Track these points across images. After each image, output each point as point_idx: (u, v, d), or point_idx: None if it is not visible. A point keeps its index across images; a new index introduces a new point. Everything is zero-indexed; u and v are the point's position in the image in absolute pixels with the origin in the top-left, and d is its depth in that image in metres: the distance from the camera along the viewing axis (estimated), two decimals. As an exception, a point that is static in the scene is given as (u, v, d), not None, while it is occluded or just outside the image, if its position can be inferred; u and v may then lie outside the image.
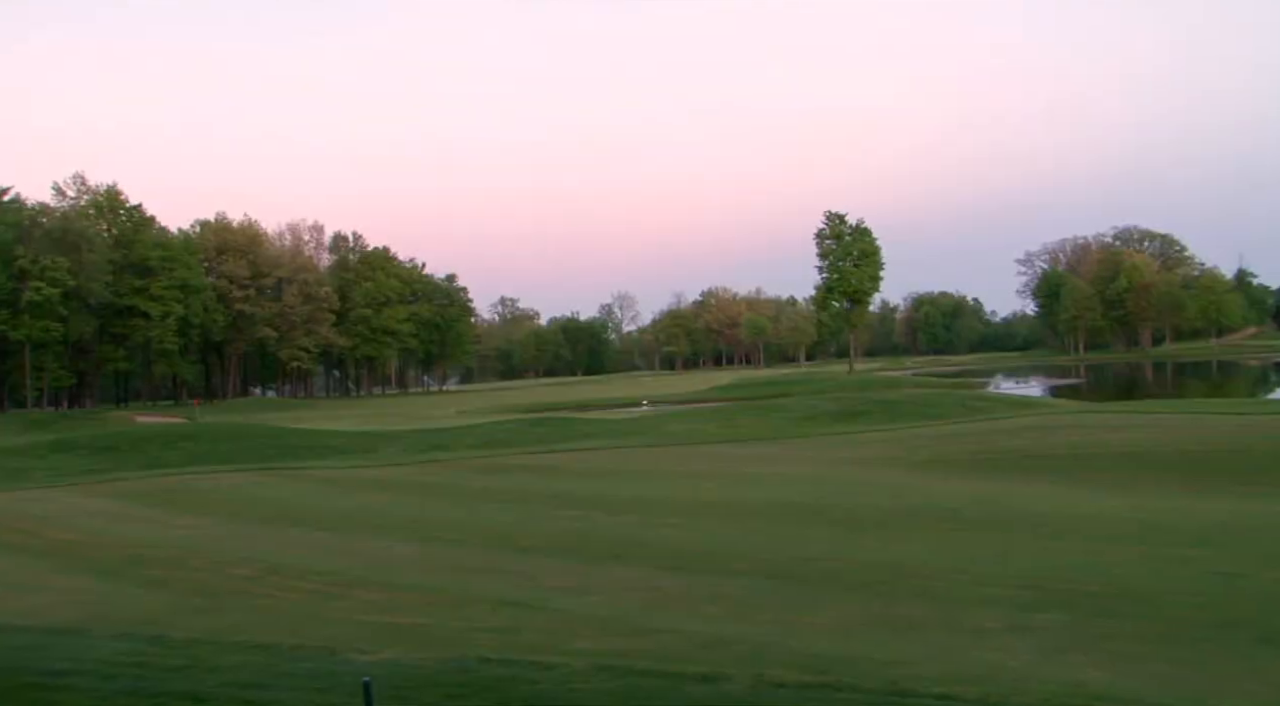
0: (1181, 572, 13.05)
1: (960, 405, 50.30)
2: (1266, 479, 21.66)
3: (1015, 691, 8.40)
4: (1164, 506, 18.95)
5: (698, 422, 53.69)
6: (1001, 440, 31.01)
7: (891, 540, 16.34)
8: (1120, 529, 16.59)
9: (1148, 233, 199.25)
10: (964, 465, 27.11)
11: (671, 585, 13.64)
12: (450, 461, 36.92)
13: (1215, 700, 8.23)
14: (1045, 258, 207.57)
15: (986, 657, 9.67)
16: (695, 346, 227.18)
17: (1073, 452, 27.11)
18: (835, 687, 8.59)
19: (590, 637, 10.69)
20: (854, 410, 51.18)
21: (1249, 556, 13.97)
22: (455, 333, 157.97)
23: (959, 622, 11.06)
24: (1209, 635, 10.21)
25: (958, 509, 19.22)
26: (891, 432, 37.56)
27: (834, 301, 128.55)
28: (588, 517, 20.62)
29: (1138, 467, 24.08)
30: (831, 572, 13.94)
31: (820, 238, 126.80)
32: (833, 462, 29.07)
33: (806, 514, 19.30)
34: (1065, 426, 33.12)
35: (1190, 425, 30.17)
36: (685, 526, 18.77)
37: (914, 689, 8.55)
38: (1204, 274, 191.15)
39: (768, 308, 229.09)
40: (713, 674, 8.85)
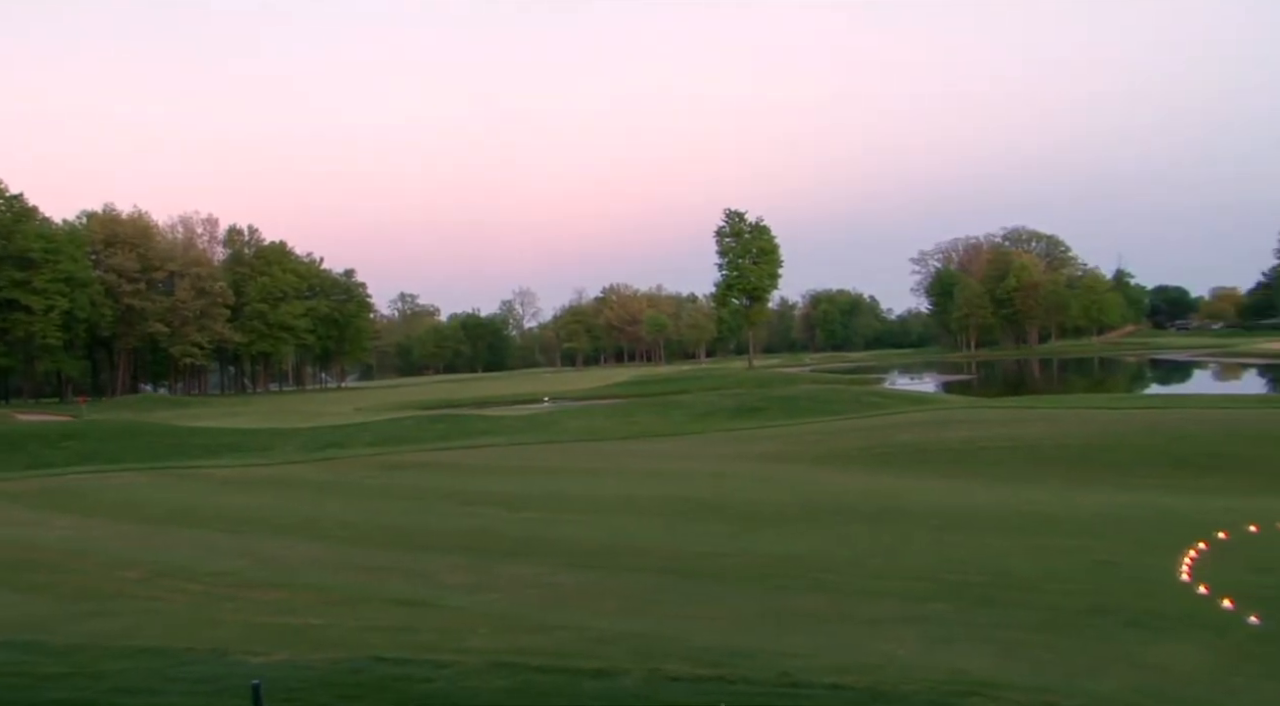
0: (1061, 561, 13.54)
1: (856, 401, 51.15)
2: (1141, 470, 22.58)
3: (904, 680, 8.59)
4: (1047, 498, 19.60)
5: (597, 419, 53.75)
6: (895, 435, 31.68)
7: (787, 534, 16.59)
8: (1006, 520, 17.11)
9: (1035, 233, 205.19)
10: (859, 460, 27.64)
11: (569, 582, 13.66)
12: (347, 459, 36.41)
13: (1088, 682, 8.55)
14: (939, 257, 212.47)
15: (878, 648, 9.88)
16: (596, 343, 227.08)
17: (963, 447, 27.83)
18: (729, 680, 8.68)
19: (486, 635, 10.64)
20: (752, 406, 51.71)
21: (1123, 544, 14.56)
22: (354, 329, 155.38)
23: (852, 614, 11.28)
24: (1085, 621, 10.62)
25: (852, 503, 19.60)
26: (789, 428, 38.10)
27: (734, 298, 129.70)
28: (486, 515, 20.53)
29: (1023, 461, 24.87)
30: (727, 567, 14.11)
31: (720, 235, 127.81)
32: (730, 458, 29.39)
33: (704, 509, 19.49)
34: (956, 421, 33.96)
35: (1072, 420, 31.24)
36: (584, 523, 18.82)
37: (806, 680, 8.68)
38: (1086, 274, 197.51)
39: (668, 305, 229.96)
40: (608, 669, 8.87)
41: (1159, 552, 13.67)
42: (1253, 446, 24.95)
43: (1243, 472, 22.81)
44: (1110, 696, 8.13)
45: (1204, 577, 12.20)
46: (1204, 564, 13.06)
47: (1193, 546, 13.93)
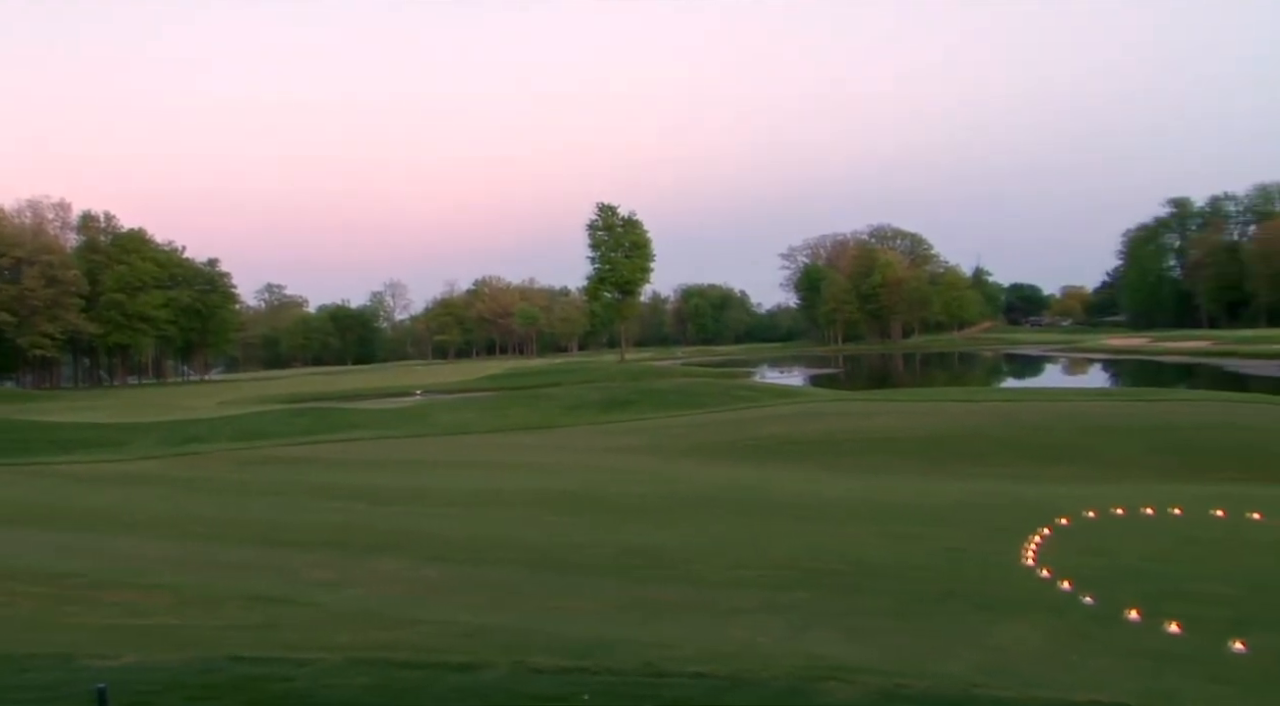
0: (915, 549, 14.04)
1: (725, 394, 51.87)
2: (993, 460, 23.53)
3: (764, 667, 8.79)
4: (904, 487, 20.25)
5: (467, 412, 53.34)
6: (762, 428, 32.27)
7: (653, 526, 16.77)
8: (865, 510, 17.64)
9: (899, 231, 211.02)
10: (726, 452, 28.07)
11: (434, 575, 13.56)
12: (208, 454, 35.39)
13: (937, 664, 8.89)
14: (807, 253, 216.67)
15: (740, 636, 10.08)
16: (468, 336, 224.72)
17: (826, 439, 28.53)
18: (593, 671, 8.75)
19: (349, 631, 10.49)
20: (622, 399, 51.98)
21: (973, 531, 15.18)
22: (217, 320, 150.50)
23: (715, 604, 11.48)
24: (936, 605, 11.05)
25: (718, 494, 19.91)
26: (658, 421, 38.44)
27: (605, 292, 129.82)
28: (351, 509, 20.21)
29: (883, 452, 25.62)
30: (594, 559, 14.20)
31: (592, 229, 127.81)
32: (599, 451, 29.53)
33: (571, 501, 19.56)
34: (821, 414, 34.78)
35: (931, 412, 32.28)
36: (450, 516, 18.70)
37: (670, 669, 8.81)
38: (947, 271, 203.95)
39: (541, 297, 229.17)
40: (472, 662, 8.85)
41: (1006, 539, 14.28)
42: (1094, 437, 26.25)
43: (1084, 462, 24.00)
44: (957, 676, 8.46)
45: (1046, 561, 12.80)
46: (1047, 548, 13.70)
47: (1037, 532, 14.59)
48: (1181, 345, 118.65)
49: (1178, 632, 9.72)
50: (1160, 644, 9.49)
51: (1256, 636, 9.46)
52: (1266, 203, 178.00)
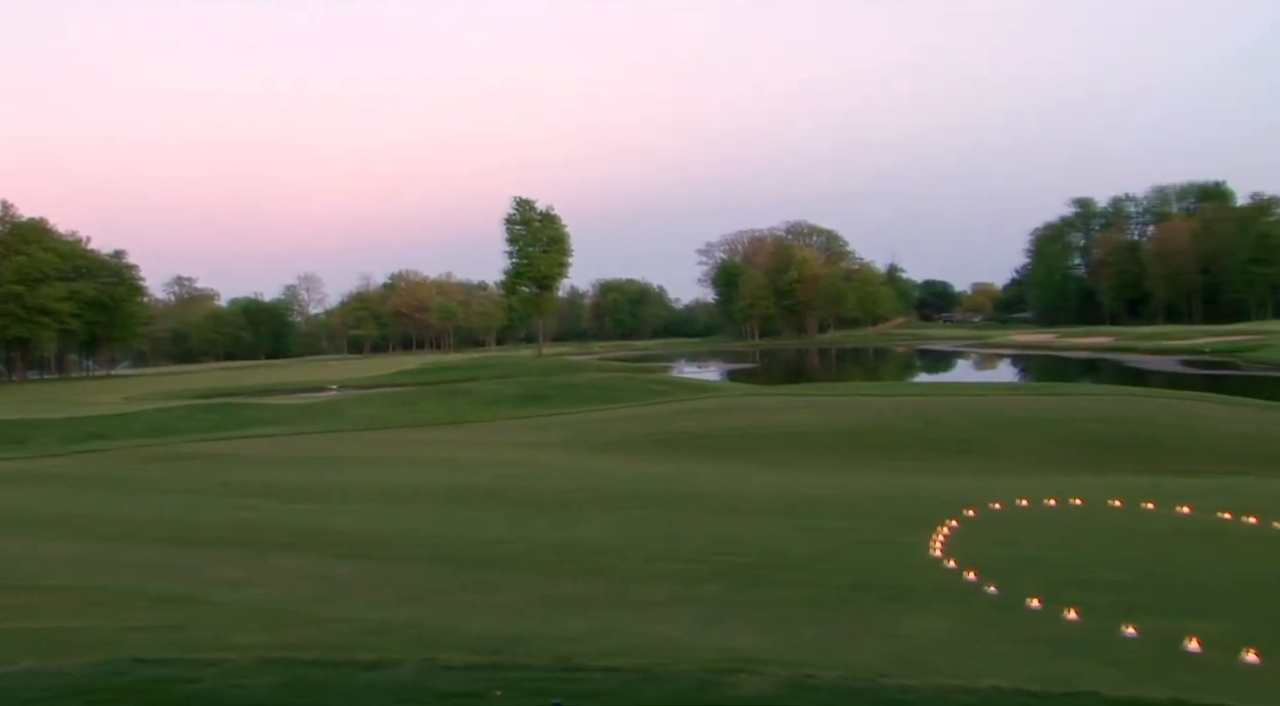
0: (827, 541, 14.25)
1: (641, 389, 52.01)
2: (904, 454, 23.96)
3: (676, 659, 8.87)
4: (817, 481, 20.53)
5: (382, 407, 52.75)
6: (677, 422, 32.44)
7: (568, 521, 16.78)
8: (778, 503, 17.84)
9: (815, 228, 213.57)
10: (642, 446, 28.16)
11: (346, 573, 13.41)
12: (112, 451, 34.50)
13: (846, 654, 9.05)
14: (724, 249, 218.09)
15: (652, 629, 10.15)
16: (384, 330, 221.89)
17: (741, 433, 28.78)
18: (505, 667, 8.74)
19: (257, 631, 10.34)
20: (538, 394, 51.85)
21: (884, 524, 15.47)
22: (124, 313, 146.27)
23: (628, 597, 11.54)
24: (846, 596, 11.25)
25: (633, 489, 19.99)
26: (574, 416, 38.42)
27: (523, 286, 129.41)
28: (261, 507, 19.89)
29: (798, 446, 25.93)
30: (507, 554, 14.17)
31: (510, 223, 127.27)
32: (515, 446, 29.43)
33: (485, 497, 19.48)
34: (736, 409, 35.07)
35: (845, 407, 32.76)
36: (363, 513, 18.48)
37: (582, 663, 8.84)
38: (862, 268, 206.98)
39: (457, 292, 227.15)
40: (382, 660, 8.79)
41: (916, 531, 14.56)
42: (1001, 431, 26.91)
43: (991, 455, 24.61)
44: (865, 666, 8.62)
45: (953, 553, 13.10)
46: (954, 540, 14.01)
47: (945, 524, 14.92)
48: (1085, 341, 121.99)
49: (1075, 619, 10.01)
50: (1058, 630, 9.78)
51: (1146, 621, 9.79)
52: (1164, 204, 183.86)
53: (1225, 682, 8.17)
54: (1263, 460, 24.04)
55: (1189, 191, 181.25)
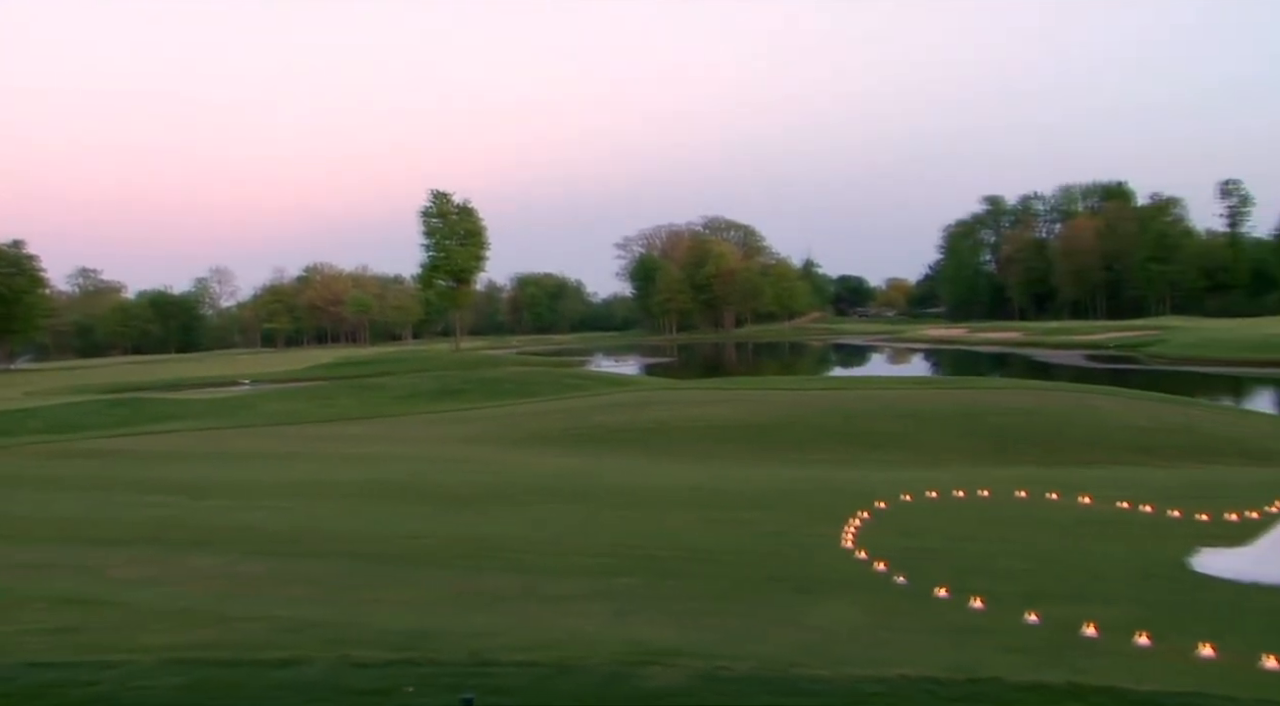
0: (740, 534, 14.41)
1: (558, 383, 51.97)
2: (817, 447, 24.30)
3: (589, 653, 8.89)
4: (732, 474, 20.73)
5: (296, 402, 51.94)
6: (594, 416, 32.48)
7: (484, 515, 16.72)
8: (693, 496, 17.97)
9: (732, 223, 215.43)
10: (558, 441, 28.16)
11: (256, 570, 13.17)
12: (12, 447, 33.41)
13: (757, 645, 9.16)
14: (642, 243, 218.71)
15: (566, 623, 10.16)
16: (298, 324, 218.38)
17: (657, 427, 28.94)
18: (418, 663, 8.69)
19: (162, 631, 10.10)
20: (455, 388, 51.54)
21: (796, 516, 15.69)
22: (23, 305, 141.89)
23: (542, 592, 11.54)
24: (758, 588, 11.39)
25: (549, 483, 19.98)
26: (491, 410, 38.27)
27: (439, 280, 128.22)
28: (169, 504, 19.42)
29: (713, 439, 26.15)
30: (422, 550, 14.06)
31: (426, 216, 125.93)
32: (430, 441, 29.23)
33: (400, 492, 19.30)
34: (652, 403, 35.19)
35: (760, 400, 33.10)
36: (275, 509, 18.19)
37: (496, 658, 8.82)
38: (778, 263, 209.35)
39: (373, 285, 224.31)
40: (292, 658, 8.67)
41: (827, 522, 14.79)
42: (912, 424, 27.43)
43: (903, 448, 25.09)
44: (776, 656, 8.73)
45: (864, 543, 13.33)
46: (865, 531, 14.26)
47: (857, 515, 15.17)
48: (995, 336, 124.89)
49: (980, 607, 10.27)
50: (964, 618, 10.02)
51: (1047, 608, 10.08)
52: (1070, 203, 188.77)
53: (1119, 665, 8.45)
54: (1159, 451, 24.87)
55: (1093, 191, 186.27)
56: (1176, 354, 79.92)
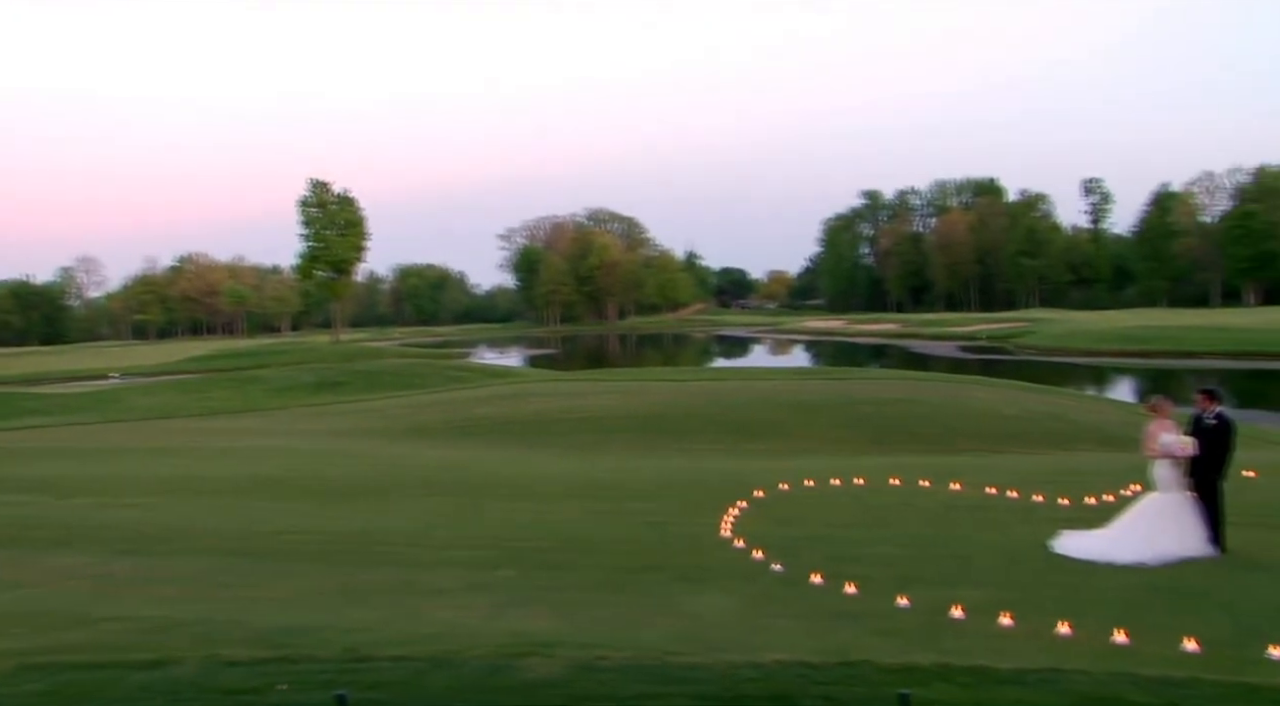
0: (620, 524, 14.51)
1: (439, 375, 51.45)
2: (697, 437, 24.56)
3: (467, 646, 8.87)
4: (612, 465, 20.81)
5: (168, 396, 50.41)
6: (475, 408, 32.27)
7: (361, 509, 16.47)
8: (574, 487, 18.01)
9: (615, 215, 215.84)
10: (439, 433, 27.89)
11: (124, 569, 12.78)
12: None
13: (635, 634, 9.26)
14: (525, 234, 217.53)
15: (444, 616, 10.11)
16: (171, 315, 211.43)
17: (539, 418, 28.88)
18: (292, 660, 8.56)
19: (21, 635, 9.73)
20: (334, 381, 50.65)
21: (676, 506, 15.84)
22: None
23: (421, 585, 11.46)
24: (637, 578, 11.49)
25: (429, 476, 19.78)
26: (371, 403, 37.71)
27: (319, 270, 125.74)
28: (32, 503, 18.65)
29: (593, 430, 26.21)
30: (298, 545, 13.80)
31: (304, 205, 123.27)
32: (308, 434, 28.68)
33: (276, 487, 18.89)
34: (535, 394, 35.14)
35: (642, 392, 33.30)
36: (146, 506, 17.62)
37: (372, 653, 8.74)
38: (661, 255, 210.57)
39: (250, 275, 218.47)
40: (160, 659, 8.46)
41: (706, 512, 14.97)
42: (790, 414, 27.91)
43: (781, 437, 25.52)
44: (654, 645, 8.83)
45: (742, 532, 13.54)
46: (742, 520, 14.48)
47: (735, 505, 15.39)
48: (873, 327, 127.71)
49: (854, 593, 10.53)
50: (838, 604, 10.26)
51: (917, 592, 10.40)
52: (944, 198, 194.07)
53: (985, 645, 8.77)
54: (1026, 439, 25.78)
55: (966, 187, 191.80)
56: (1044, 345, 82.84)
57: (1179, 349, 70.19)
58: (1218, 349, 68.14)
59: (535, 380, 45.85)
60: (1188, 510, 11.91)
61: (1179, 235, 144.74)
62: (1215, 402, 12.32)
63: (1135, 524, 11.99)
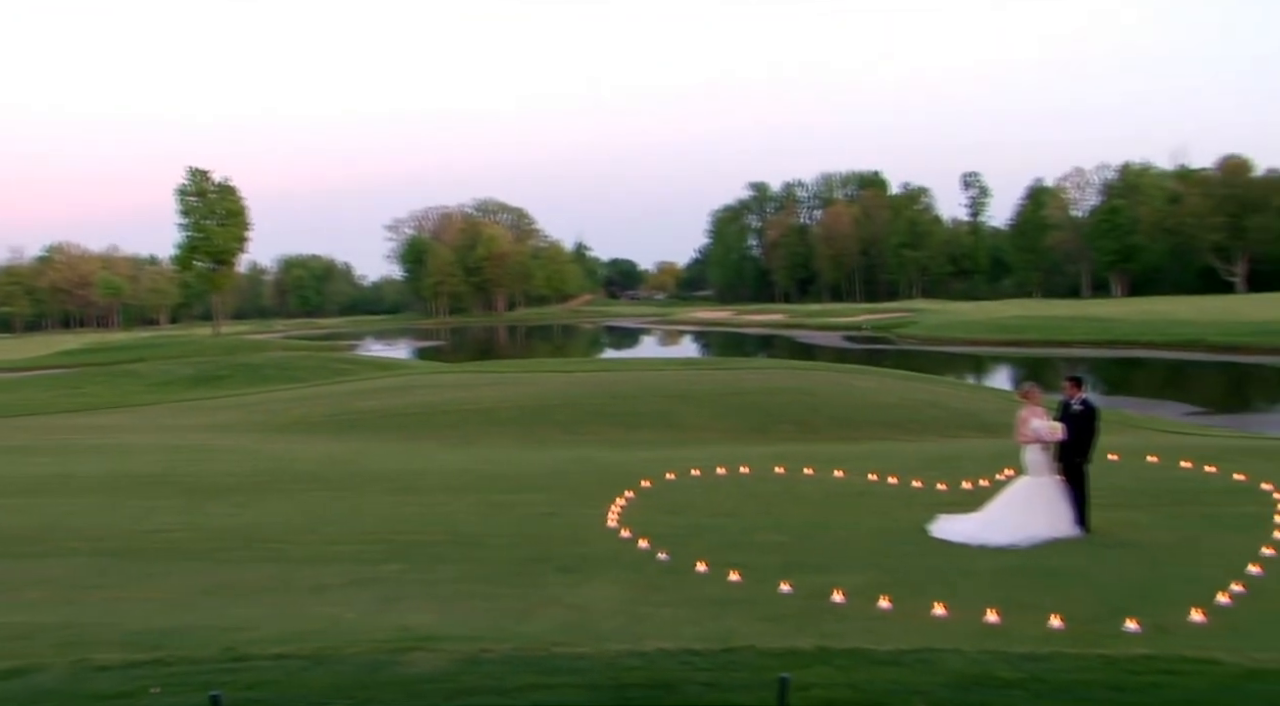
0: (507, 516, 14.47)
1: (324, 368, 50.57)
2: (586, 428, 24.59)
3: (349, 642, 8.74)
4: (501, 457, 20.70)
5: (37, 391, 48.50)
6: (361, 401, 31.79)
7: (244, 505, 16.09)
8: (461, 480, 17.87)
9: (504, 206, 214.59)
10: (324, 427, 27.42)
11: (-13, 574, 12.26)
12: None
13: (520, 626, 9.27)
14: (412, 225, 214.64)
15: (326, 613, 9.96)
16: (39, 308, 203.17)
17: (425, 411, 28.57)
18: (166, 662, 8.33)
19: None
20: (215, 375, 49.37)
21: (563, 497, 15.85)
22: None
23: (303, 582, 11.27)
24: (523, 570, 11.48)
25: (312, 470, 19.44)
26: (252, 397, 36.87)
27: (198, 261, 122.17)
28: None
29: (481, 422, 26.04)
30: (175, 543, 13.41)
31: (182, 194, 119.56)
32: (187, 429, 27.90)
33: (153, 484, 18.30)
34: (421, 387, 34.75)
35: (529, 383, 33.19)
36: (11, 508, 16.89)
37: (251, 652, 8.56)
38: (550, 246, 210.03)
39: (125, 266, 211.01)
40: (24, 667, 8.13)
41: (593, 503, 15.02)
42: (677, 404, 28.16)
43: (669, 427, 25.72)
44: (539, 636, 8.83)
45: (628, 522, 13.63)
46: (629, 510, 14.56)
47: (622, 495, 15.46)
48: (761, 318, 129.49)
49: (737, 580, 10.68)
50: (722, 591, 10.40)
51: (799, 577, 10.61)
52: (830, 190, 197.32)
53: (864, 628, 8.99)
54: (907, 426, 26.43)
55: (851, 179, 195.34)
56: (926, 335, 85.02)
57: (1052, 338, 72.74)
58: (1087, 338, 70.78)
59: (422, 372, 45.31)
60: (1057, 493, 12.37)
61: (1052, 229, 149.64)
62: (1081, 389, 12.83)
63: (1008, 507, 12.42)
